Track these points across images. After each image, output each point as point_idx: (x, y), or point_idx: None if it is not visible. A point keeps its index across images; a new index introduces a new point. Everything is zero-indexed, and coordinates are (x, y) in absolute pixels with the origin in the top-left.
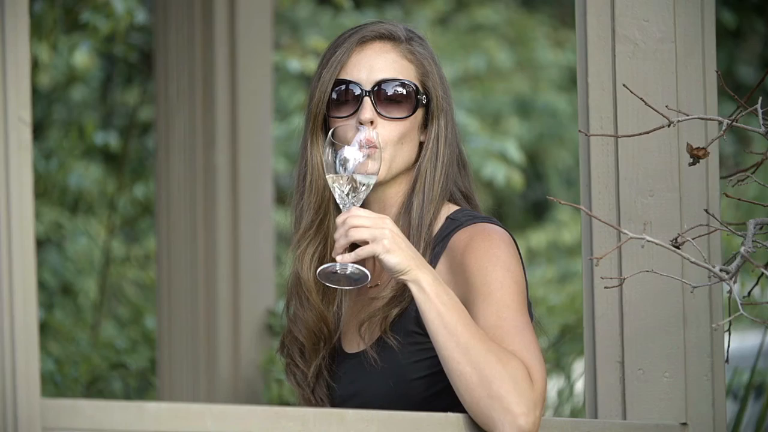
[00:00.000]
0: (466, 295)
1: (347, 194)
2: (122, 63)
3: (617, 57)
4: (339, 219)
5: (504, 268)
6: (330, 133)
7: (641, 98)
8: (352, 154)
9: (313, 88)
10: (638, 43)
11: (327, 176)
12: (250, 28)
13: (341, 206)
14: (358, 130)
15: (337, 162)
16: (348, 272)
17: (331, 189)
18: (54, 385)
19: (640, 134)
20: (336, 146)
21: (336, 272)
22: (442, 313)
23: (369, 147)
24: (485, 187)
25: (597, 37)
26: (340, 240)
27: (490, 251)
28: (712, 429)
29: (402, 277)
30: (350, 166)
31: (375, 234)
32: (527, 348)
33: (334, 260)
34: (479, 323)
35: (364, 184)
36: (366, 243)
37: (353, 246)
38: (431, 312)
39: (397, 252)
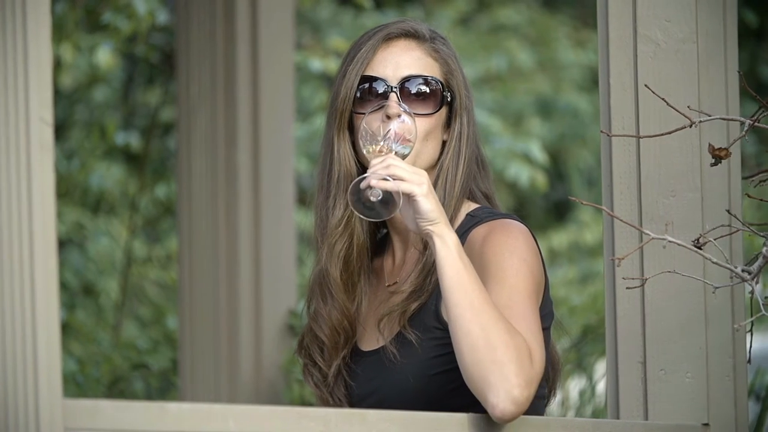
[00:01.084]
0: (482, 280)
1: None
2: (144, 63)
3: (639, 57)
4: (376, 160)
5: (520, 258)
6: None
7: (663, 98)
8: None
9: (337, 85)
10: (660, 43)
11: (364, 149)
12: (271, 28)
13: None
14: (383, 122)
15: (381, 134)
16: (380, 196)
17: (367, 158)
18: (76, 385)
19: (662, 135)
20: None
21: (369, 188)
22: (461, 272)
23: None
24: (509, 188)
25: (619, 38)
26: (378, 169)
27: (508, 241)
28: (734, 429)
29: (429, 227)
30: (391, 135)
31: (413, 177)
32: (531, 332)
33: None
34: None
35: (402, 155)
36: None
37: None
38: (451, 268)
39: (432, 200)
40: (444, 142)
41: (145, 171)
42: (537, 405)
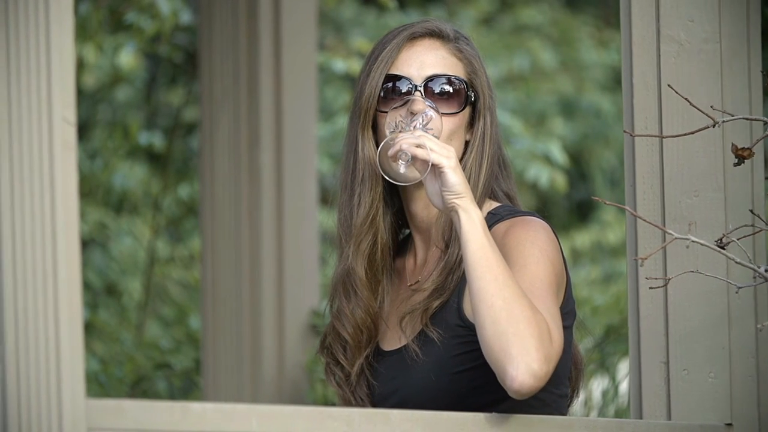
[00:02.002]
0: None
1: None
2: (167, 63)
3: (662, 57)
4: (405, 134)
5: (541, 249)
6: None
7: (686, 98)
8: (419, 119)
9: (361, 84)
10: (683, 43)
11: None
12: (294, 28)
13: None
14: (408, 117)
15: (409, 122)
16: (409, 159)
17: (396, 126)
18: (99, 385)
19: (685, 135)
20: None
21: (400, 150)
22: (485, 246)
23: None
24: (529, 189)
25: (642, 38)
26: (409, 139)
27: (529, 234)
28: (757, 429)
29: (456, 200)
30: (418, 124)
31: (443, 151)
32: (550, 314)
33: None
34: None
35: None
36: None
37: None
38: (475, 242)
39: (460, 174)
40: (467, 143)
41: (168, 171)
42: (560, 404)
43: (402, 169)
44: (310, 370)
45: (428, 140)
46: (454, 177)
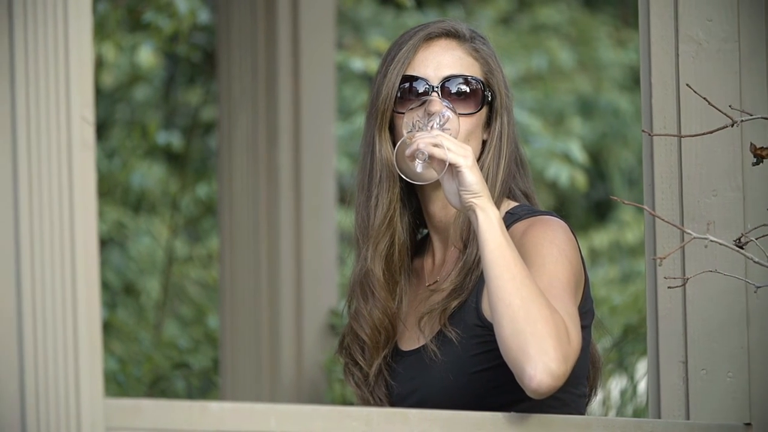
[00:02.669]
0: None
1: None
2: (185, 62)
3: (680, 56)
4: (422, 133)
5: (559, 248)
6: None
7: (705, 98)
8: (436, 119)
9: (378, 85)
10: (702, 42)
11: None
12: (312, 28)
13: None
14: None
15: (425, 123)
16: (426, 158)
17: (414, 126)
18: (117, 384)
19: (704, 134)
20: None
21: (417, 149)
22: (503, 245)
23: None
24: (549, 187)
25: (660, 37)
26: (426, 138)
27: (548, 233)
28: None
29: (473, 199)
30: (435, 124)
31: (459, 150)
32: (568, 314)
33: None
34: None
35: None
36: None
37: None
38: (493, 241)
39: (477, 173)
40: (484, 142)
41: (187, 170)
42: (579, 404)
43: (419, 169)
44: (329, 369)
45: (445, 140)
46: (471, 176)
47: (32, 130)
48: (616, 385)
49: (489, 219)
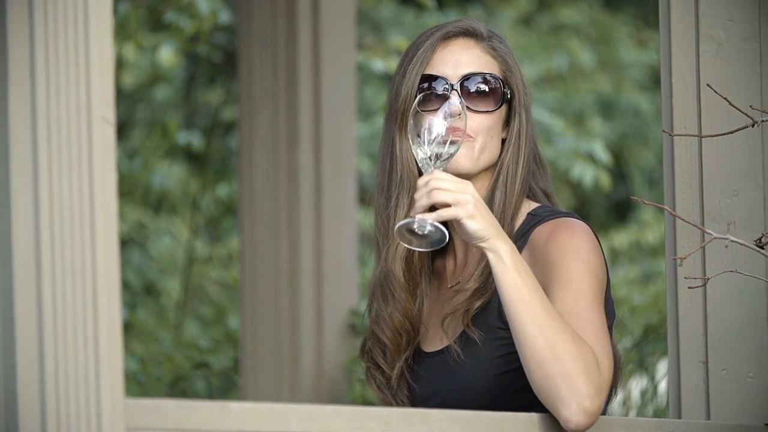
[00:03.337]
0: (545, 283)
1: (430, 158)
2: (205, 63)
3: (701, 57)
4: (421, 181)
5: (584, 260)
6: (416, 101)
7: (725, 98)
8: (438, 123)
9: (397, 85)
10: (722, 42)
11: (411, 142)
12: (333, 28)
13: (423, 170)
14: (445, 120)
15: (424, 130)
16: (426, 231)
17: (414, 154)
18: (137, 384)
19: (724, 134)
20: (421, 115)
21: (413, 230)
22: (519, 286)
23: (455, 116)
24: (572, 187)
25: (681, 37)
26: (422, 200)
27: (572, 242)
28: None
29: (481, 244)
30: (435, 133)
31: (458, 198)
32: (597, 339)
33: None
34: (555, 308)
35: (450, 153)
36: (447, 206)
37: (432, 208)
38: (509, 282)
39: (479, 218)
40: (503, 141)
41: (207, 170)
42: None
43: (427, 232)
44: (349, 369)
45: (440, 192)
46: (473, 225)
47: (53, 130)
48: (636, 385)
49: (501, 260)
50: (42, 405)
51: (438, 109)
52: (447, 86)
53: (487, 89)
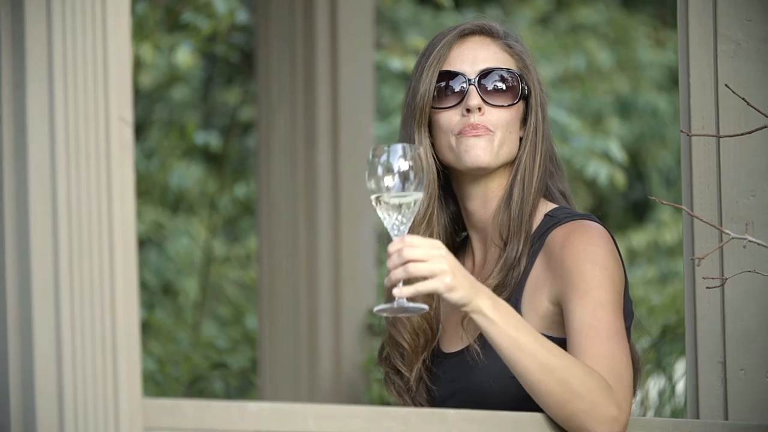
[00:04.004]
0: (563, 291)
1: (394, 220)
2: (223, 63)
3: (719, 57)
4: (392, 247)
5: (601, 267)
6: (371, 154)
7: (743, 98)
8: (390, 180)
9: (415, 82)
10: (740, 42)
11: (372, 197)
12: (351, 27)
13: (390, 233)
14: (463, 116)
15: (382, 186)
16: (404, 307)
17: (381, 218)
18: (155, 384)
19: (742, 134)
20: (375, 167)
21: (393, 307)
22: (514, 337)
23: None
24: (588, 186)
25: (699, 37)
26: (398, 273)
27: (588, 248)
28: None
29: (464, 309)
30: (392, 189)
31: (434, 270)
32: (615, 355)
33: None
34: (574, 320)
35: (408, 207)
36: (425, 278)
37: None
38: (503, 338)
39: (458, 288)
40: (520, 139)
41: (225, 170)
42: None
43: (408, 309)
44: (367, 369)
45: (415, 266)
46: (455, 296)
47: (71, 130)
48: (654, 385)
49: (488, 320)
50: (60, 405)
51: (456, 105)
52: (465, 82)
53: (504, 86)
